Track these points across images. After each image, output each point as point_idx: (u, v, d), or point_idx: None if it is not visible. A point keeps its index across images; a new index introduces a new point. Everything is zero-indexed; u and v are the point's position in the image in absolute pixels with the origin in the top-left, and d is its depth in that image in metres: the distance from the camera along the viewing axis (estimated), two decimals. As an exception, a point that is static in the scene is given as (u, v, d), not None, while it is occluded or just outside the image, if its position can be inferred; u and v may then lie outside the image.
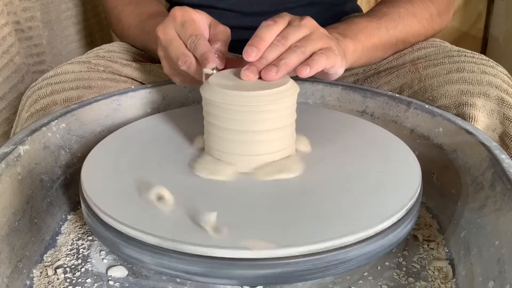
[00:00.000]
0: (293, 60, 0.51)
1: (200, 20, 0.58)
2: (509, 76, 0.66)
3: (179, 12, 0.58)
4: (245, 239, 0.41)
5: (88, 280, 0.47)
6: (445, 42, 0.75)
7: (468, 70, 0.64)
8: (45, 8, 0.97)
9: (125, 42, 0.81)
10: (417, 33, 0.73)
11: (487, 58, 0.67)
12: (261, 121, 0.49)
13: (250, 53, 0.51)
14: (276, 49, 0.52)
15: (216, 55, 0.55)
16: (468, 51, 0.69)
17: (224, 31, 0.59)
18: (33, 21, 0.94)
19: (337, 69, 0.57)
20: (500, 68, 0.66)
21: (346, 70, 0.74)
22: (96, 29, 1.14)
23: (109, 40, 1.19)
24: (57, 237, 0.54)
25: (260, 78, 0.51)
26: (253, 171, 0.50)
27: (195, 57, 0.55)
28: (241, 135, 0.50)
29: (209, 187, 0.49)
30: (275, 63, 0.51)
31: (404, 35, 0.71)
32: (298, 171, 0.50)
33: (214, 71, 0.53)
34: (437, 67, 0.67)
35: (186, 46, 0.56)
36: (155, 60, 0.78)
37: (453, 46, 0.72)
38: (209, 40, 0.58)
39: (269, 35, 0.53)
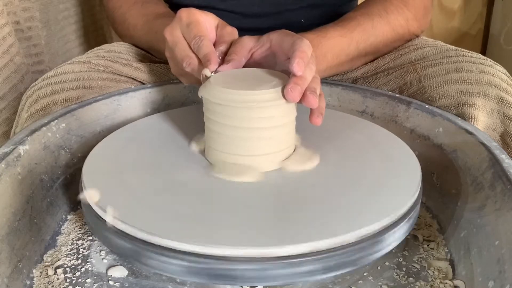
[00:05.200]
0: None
1: (206, 21, 0.58)
2: (508, 75, 0.66)
3: (185, 13, 0.58)
4: (242, 238, 0.41)
5: (88, 280, 0.47)
6: (439, 41, 0.75)
7: (466, 70, 0.64)
8: (44, 8, 0.97)
9: (129, 42, 0.81)
10: (390, 41, 0.73)
11: (485, 58, 0.67)
12: (260, 120, 0.49)
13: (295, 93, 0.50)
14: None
15: (220, 57, 0.55)
16: (466, 50, 0.69)
17: (231, 33, 0.59)
18: (32, 21, 0.94)
19: None
20: (499, 67, 0.66)
21: (343, 73, 0.75)
22: (91, 29, 1.15)
23: (103, 41, 1.19)
24: (57, 237, 0.54)
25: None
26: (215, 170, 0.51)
27: (199, 59, 0.55)
28: (240, 135, 0.50)
29: (208, 186, 0.49)
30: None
31: (375, 47, 0.72)
32: (253, 178, 0.50)
33: (212, 74, 0.53)
34: (435, 68, 0.67)
35: (190, 47, 0.56)
36: (156, 60, 0.78)
37: (451, 45, 0.72)
38: (215, 42, 0.58)
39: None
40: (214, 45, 0.57)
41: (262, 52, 0.58)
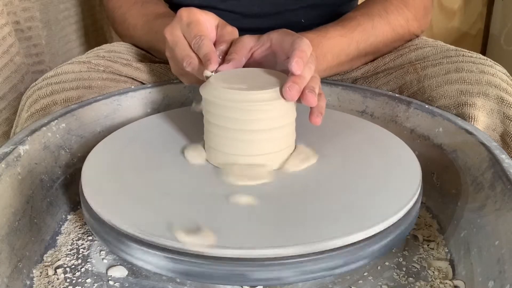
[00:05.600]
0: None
1: (207, 20, 0.58)
2: (508, 75, 0.66)
3: (185, 12, 0.58)
4: (243, 239, 0.41)
5: (88, 280, 0.47)
6: (439, 41, 0.75)
7: (466, 70, 0.64)
8: (44, 8, 0.97)
9: (129, 42, 0.81)
10: (390, 42, 0.73)
11: (485, 58, 0.67)
12: (260, 120, 0.49)
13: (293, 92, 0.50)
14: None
15: (220, 57, 0.55)
16: (466, 50, 0.69)
17: (231, 32, 0.59)
18: (32, 21, 0.94)
19: None
20: (499, 67, 0.66)
21: (343, 73, 0.75)
22: (91, 29, 1.15)
23: (103, 41, 1.19)
24: (57, 237, 0.54)
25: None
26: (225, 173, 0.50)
27: (199, 58, 0.55)
28: (240, 135, 0.50)
29: (207, 187, 0.49)
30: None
31: (375, 47, 0.72)
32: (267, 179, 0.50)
33: (213, 73, 0.53)
34: (435, 68, 0.67)
35: (191, 47, 0.56)
36: (156, 60, 0.78)
37: (451, 45, 0.72)
38: (215, 41, 0.58)
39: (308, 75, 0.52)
40: (215, 44, 0.57)
41: (262, 52, 0.58)
